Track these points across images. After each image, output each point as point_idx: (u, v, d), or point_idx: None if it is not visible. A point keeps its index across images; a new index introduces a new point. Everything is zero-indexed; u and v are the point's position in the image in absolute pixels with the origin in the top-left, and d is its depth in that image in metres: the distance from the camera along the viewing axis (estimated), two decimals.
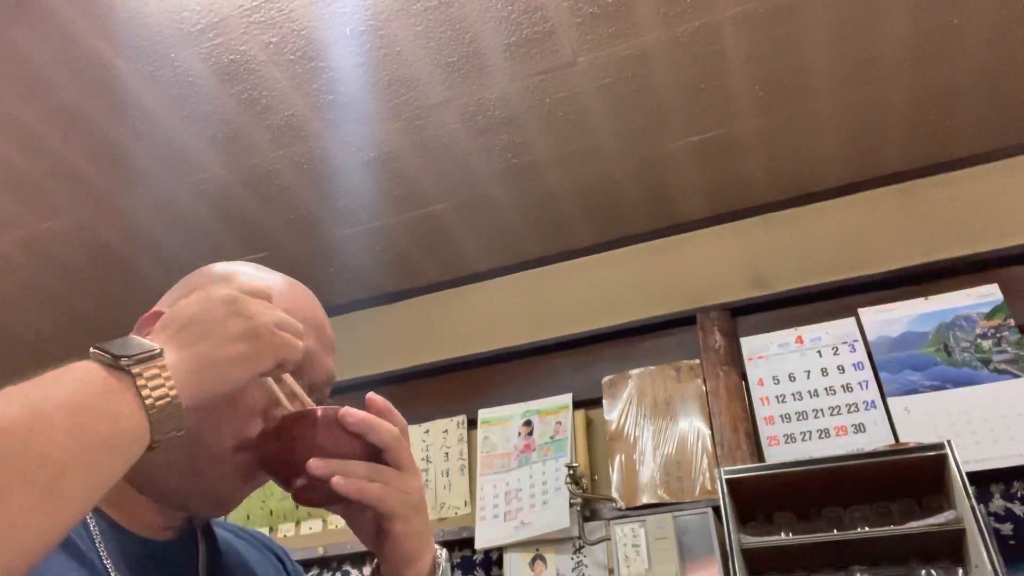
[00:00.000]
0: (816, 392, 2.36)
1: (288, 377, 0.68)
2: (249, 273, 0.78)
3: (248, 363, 0.60)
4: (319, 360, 0.74)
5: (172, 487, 0.69)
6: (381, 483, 0.64)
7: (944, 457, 1.87)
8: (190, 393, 0.56)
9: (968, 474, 1.84)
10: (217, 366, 0.58)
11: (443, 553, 0.73)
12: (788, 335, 2.49)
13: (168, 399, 0.54)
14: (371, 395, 0.68)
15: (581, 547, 2.39)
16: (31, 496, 0.45)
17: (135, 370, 0.53)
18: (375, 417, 0.66)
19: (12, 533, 0.44)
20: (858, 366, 2.36)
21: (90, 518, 0.65)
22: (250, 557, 0.82)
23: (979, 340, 2.26)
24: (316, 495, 0.65)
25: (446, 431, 2.82)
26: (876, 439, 2.20)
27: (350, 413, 0.64)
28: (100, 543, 0.64)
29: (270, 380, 0.67)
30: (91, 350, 0.54)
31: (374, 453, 0.66)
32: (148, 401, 0.53)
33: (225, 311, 0.61)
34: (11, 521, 0.44)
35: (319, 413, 0.65)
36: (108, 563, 0.63)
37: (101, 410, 0.50)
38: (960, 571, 1.82)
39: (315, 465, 0.62)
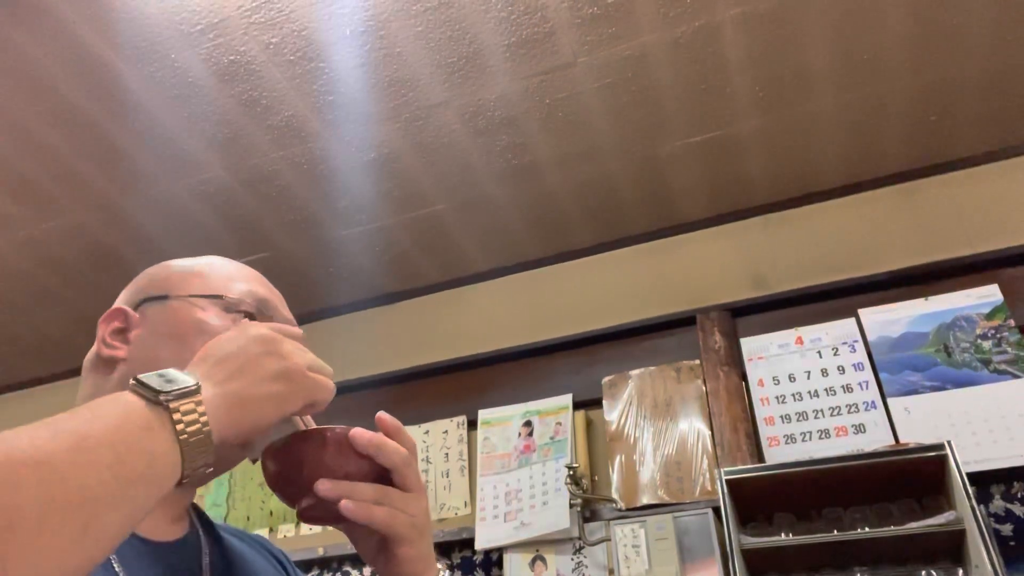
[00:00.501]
0: (816, 393, 2.36)
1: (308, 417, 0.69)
2: (213, 264, 0.82)
3: (279, 403, 0.61)
4: (280, 313, 0.79)
5: None
6: (388, 506, 0.65)
7: (944, 458, 1.87)
8: (221, 429, 0.56)
9: (968, 475, 1.84)
10: (249, 404, 0.59)
11: (445, 574, 0.73)
12: (788, 336, 2.49)
13: (201, 434, 0.54)
14: (381, 414, 0.69)
15: (581, 548, 2.39)
16: (70, 532, 0.45)
17: (173, 406, 0.53)
18: (384, 438, 0.66)
19: (49, 568, 0.44)
20: (858, 367, 2.36)
21: None
22: (253, 560, 0.83)
23: (979, 341, 2.26)
24: (322, 515, 0.66)
25: (446, 432, 2.82)
26: (876, 440, 2.20)
27: (360, 434, 0.65)
28: None
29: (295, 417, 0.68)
30: (131, 382, 0.55)
31: (382, 472, 0.66)
32: (183, 436, 0.53)
33: (260, 350, 0.62)
34: (50, 557, 0.44)
35: (328, 433, 0.65)
36: (115, 563, 0.64)
37: (140, 446, 0.51)
38: (960, 572, 1.82)
39: (323, 487, 0.63)
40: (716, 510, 2.15)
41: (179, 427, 0.53)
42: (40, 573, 0.43)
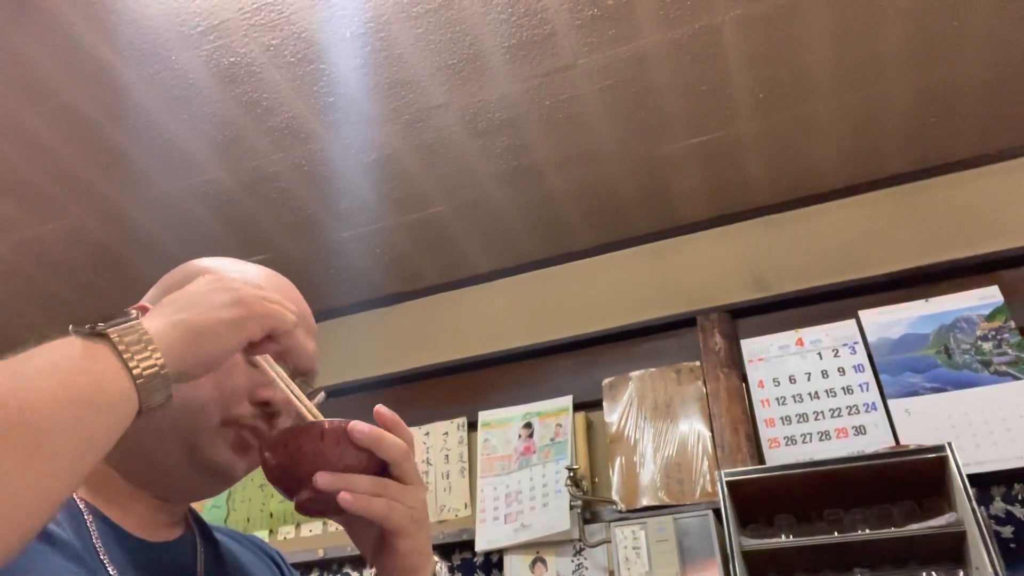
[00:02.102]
0: (816, 394, 2.36)
1: (275, 365, 0.68)
2: (230, 267, 0.79)
3: (236, 328, 0.60)
4: (303, 344, 0.75)
5: (170, 466, 0.69)
6: (387, 498, 0.65)
7: (945, 459, 1.87)
8: (177, 359, 0.56)
9: (969, 476, 1.84)
10: (204, 332, 0.58)
11: (442, 567, 0.73)
12: (788, 337, 2.49)
13: (155, 367, 0.53)
14: (379, 408, 0.68)
15: (581, 549, 2.39)
16: (18, 458, 0.44)
17: (112, 334, 0.53)
18: (382, 431, 0.66)
19: (5, 491, 0.43)
20: (858, 368, 2.36)
21: (89, 520, 0.64)
22: (248, 561, 0.82)
23: (979, 342, 2.26)
24: (320, 507, 0.66)
25: (446, 433, 2.81)
26: (877, 441, 2.20)
27: (358, 428, 0.64)
28: (99, 544, 0.64)
29: (263, 360, 0.67)
30: (70, 328, 0.54)
31: (380, 465, 0.66)
32: (135, 371, 0.52)
33: (211, 287, 0.62)
34: (2, 479, 0.43)
35: (326, 426, 0.65)
36: (108, 564, 0.63)
37: (82, 372, 0.50)
38: (961, 573, 1.82)
39: (322, 479, 0.63)
40: (716, 512, 2.15)
41: (126, 356, 0.52)
42: None
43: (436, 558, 0.73)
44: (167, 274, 0.81)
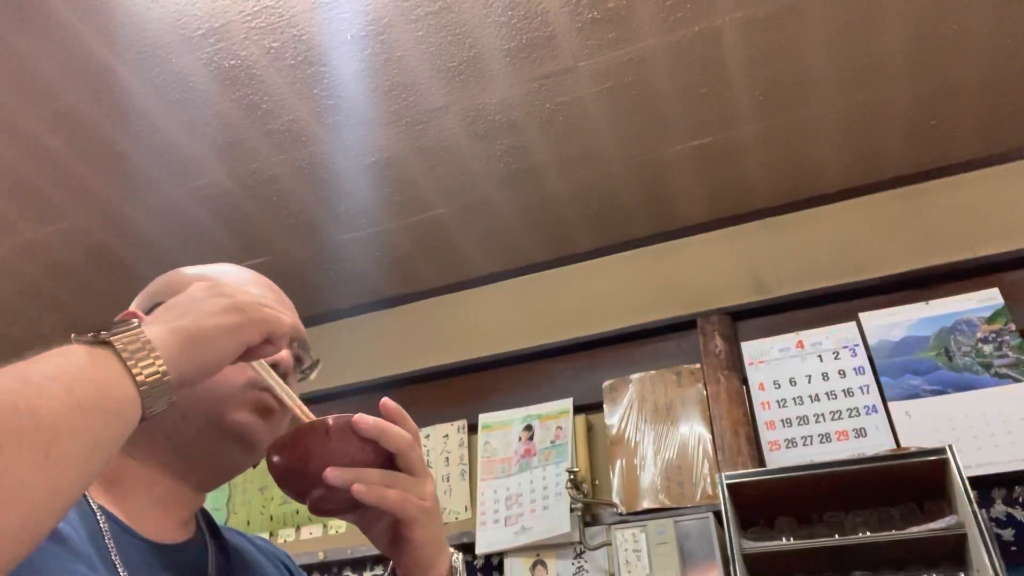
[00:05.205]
0: (817, 396, 2.36)
1: (270, 370, 0.69)
2: (216, 272, 0.81)
3: (234, 333, 0.61)
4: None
5: (193, 435, 0.71)
6: (398, 489, 0.65)
7: (945, 462, 1.87)
8: (179, 366, 0.56)
9: (969, 479, 1.84)
10: (203, 338, 0.59)
11: (459, 557, 0.73)
12: (789, 339, 2.49)
13: (158, 374, 0.54)
14: (385, 400, 0.69)
15: (582, 552, 2.39)
16: (31, 457, 0.44)
17: (116, 342, 0.54)
18: (387, 422, 0.66)
19: (20, 492, 0.43)
20: (859, 370, 2.36)
21: (101, 522, 0.65)
22: (258, 563, 0.83)
23: (980, 344, 2.26)
24: (333, 505, 0.66)
25: (447, 436, 2.81)
26: (877, 444, 2.20)
27: (363, 419, 0.65)
28: (112, 546, 0.64)
29: (259, 365, 0.68)
30: (72, 337, 0.55)
31: (387, 459, 0.66)
32: (139, 378, 0.53)
33: (205, 293, 0.63)
34: (16, 481, 0.43)
35: (331, 421, 0.65)
36: (119, 565, 0.63)
37: (89, 379, 0.51)
38: None
39: (332, 474, 0.62)
40: (717, 514, 2.15)
41: (130, 364, 0.53)
42: (14, 497, 0.43)
43: (452, 549, 0.73)
44: (152, 282, 0.83)
